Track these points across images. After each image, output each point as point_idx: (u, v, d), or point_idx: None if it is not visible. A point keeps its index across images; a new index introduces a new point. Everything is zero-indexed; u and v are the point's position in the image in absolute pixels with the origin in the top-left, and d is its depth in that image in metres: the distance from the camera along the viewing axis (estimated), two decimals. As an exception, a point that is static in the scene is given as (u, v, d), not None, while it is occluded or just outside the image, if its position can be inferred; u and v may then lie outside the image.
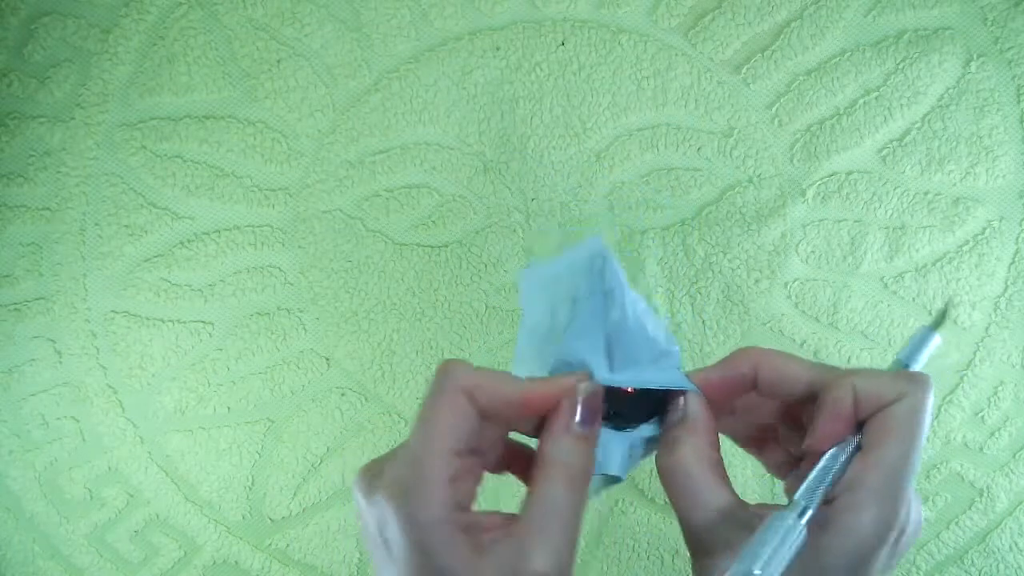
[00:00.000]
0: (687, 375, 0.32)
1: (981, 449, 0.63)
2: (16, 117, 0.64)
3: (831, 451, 0.28)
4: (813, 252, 0.63)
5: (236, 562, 0.65)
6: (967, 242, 0.63)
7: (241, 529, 0.65)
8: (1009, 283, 0.63)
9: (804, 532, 0.26)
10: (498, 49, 0.64)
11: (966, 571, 0.64)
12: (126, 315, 0.64)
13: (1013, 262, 0.63)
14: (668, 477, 0.30)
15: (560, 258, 0.34)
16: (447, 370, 0.28)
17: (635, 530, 0.63)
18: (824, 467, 0.28)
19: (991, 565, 0.64)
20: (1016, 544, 0.63)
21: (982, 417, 0.63)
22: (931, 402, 0.28)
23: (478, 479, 0.29)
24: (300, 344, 0.64)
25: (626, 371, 0.31)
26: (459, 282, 0.64)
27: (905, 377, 0.28)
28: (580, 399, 0.29)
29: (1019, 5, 0.62)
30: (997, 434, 0.63)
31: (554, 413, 0.29)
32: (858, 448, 0.28)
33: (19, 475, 0.65)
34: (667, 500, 0.61)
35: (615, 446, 0.31)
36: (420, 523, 0.25)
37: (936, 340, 0.31)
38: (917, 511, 0.28)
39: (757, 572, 0.25)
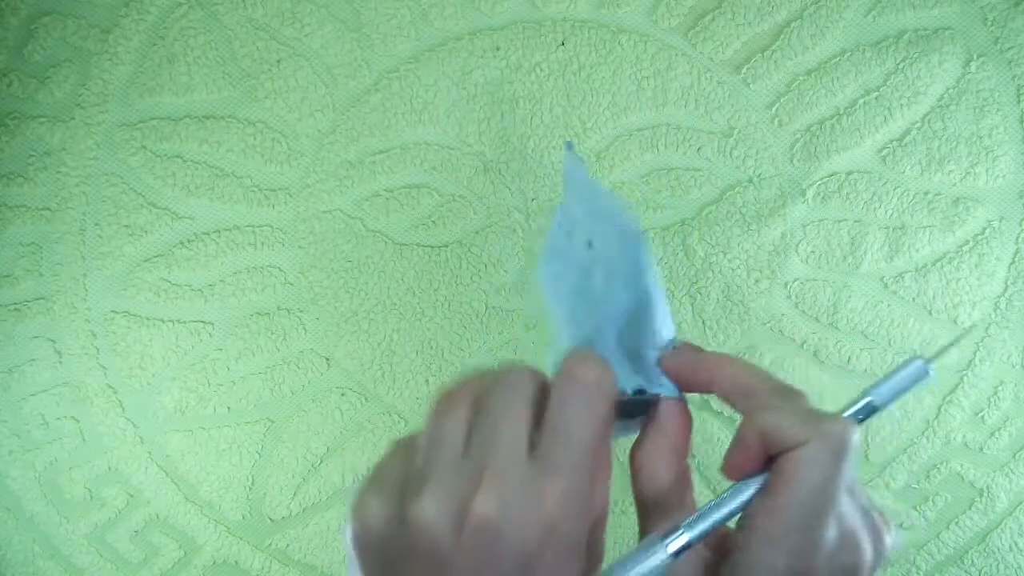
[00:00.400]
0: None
1: (981, 449, 0.63)
2: (16, 117, 0.64)
3: (734, 486, 0.27)
4: (813, 252, 0.63)
5: (236, 562, 0.65)
6: (967, 242, 0.63)
7: (241, 529, 0.65)
8: (1009, 283, 0.63)
9: (668, 559, 0.26)
10: (498, 49, 0.64)
11: (966, 571, 0.64)
12: (126, 315, 0.64)
13: (1013, 262, 0.63)
14: (633, 468, 0.31)
15: (589, 186, 0.34)
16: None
17: (635, 530, 0.63)
18: (719, 500, 0.27)
19: (991, 565, 0.64)
20: (1016, 544, 0.63)
21: (982, 417, 0.63)
22: (845, 454, 0.26)
23: None
24: (300, 344, 0.64)
25: (631, 365, 0.31)
26: (459, 282, 0.64)
27: (814, 422, 0.26)
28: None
29: (1019, 5, 0.62)
30: (997, 434, 0.63)
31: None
32: (763, 486, 0.27)
33: (19, 475, 0.65)
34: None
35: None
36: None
37: (928, 379, 0.29)
38: (851, 546, 0.27)
39: None
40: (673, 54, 0.63)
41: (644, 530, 0.30)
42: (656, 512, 0.30)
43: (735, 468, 0.28)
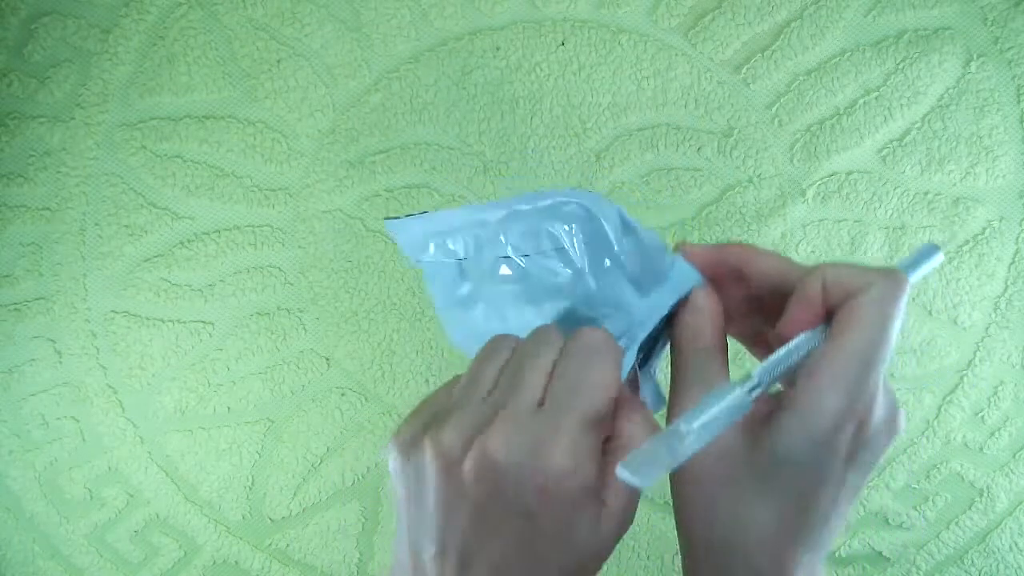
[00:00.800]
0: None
1: (981, 449, 0.63)
2: (16, 117, 0.64)
3: (798, 337, 0.28)
4: (813, 252, 0.63)
5: (236, 562, 0.65)
6: (967, 242, 0.63)
7: (241, 529, 0.65)
8: (1009, 283, 0.63)
9: (746, 403, 0.26)
10: (498, 49, 0.64)
11: (966, 571, 0.64)
12: (126, 315, 0.64)
13: (1013, 262, 0.63)
14: (675, 343, 0.31)
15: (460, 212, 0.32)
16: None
17: (635, 530, 0.63)
18: (787, 350, 0.28)
19: (991, 565, 0.64)
20: (1016, 544, 0.63)
21: (982, 417, 0.63)
22: (902, 295, 0.27)
23: None
24: (300, 344, 0.64)
25: (652, 294, 0.31)
26: (459, 282, 0.64)
27: (876, 270, 0.28)
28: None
29: (1019, 5, 0.62)
30: (997, 434, 0.63)
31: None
32: (826, 337, 0.28)
33: (19, 475, 0.65)
34: (667, 500, 0.62)
35: (645, 383, 0.32)
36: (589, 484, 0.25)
37: (939, 258, 0.30)
38: (888, 409, 0.28)
39: (683, 428, 0.25)
40: (673, 54, 0.63)
41: (674, 409, 0.30)
42: (696, 381, 0.30)
43: (795, 323, 0.28)
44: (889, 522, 0.64)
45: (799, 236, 0.63)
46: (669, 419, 0.30)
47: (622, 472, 0.24)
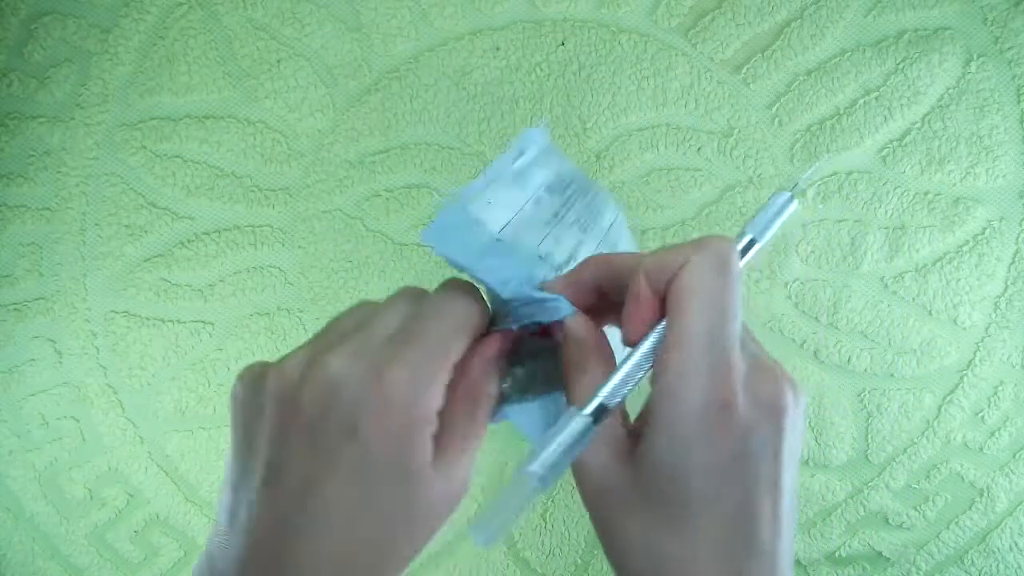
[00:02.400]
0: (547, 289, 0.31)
1: (981, 449, 0.63)
2: (16, 117, 0.64)
3: (643, 343, 0.26)
4: (813, 252, 0.63)
5: (236, 562, 0.65)
6: (967, 242, 0.63)
7: (241, 529, 0.65)
8: (1009, 283, 0.63)
9: (590, 428, 0.25)
10: (498, 49, 0.64)
11: (966, 571, 0.64)
12: (126, 315, 0.64)
13: (1013, 262, 0.63)
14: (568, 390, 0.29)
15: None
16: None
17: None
18: (630, 360, 0.26)
19: (991, 565, 0.64)
20: (1016, 544, 0.63)
21: (982, 417, 0.63)
22: (725, 263, 0.25)
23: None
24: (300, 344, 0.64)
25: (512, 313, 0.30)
26: (459, 282, 0.64)
27: (691, 244, 0.26)
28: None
29: (1019, 5, 0.62)
30: (997, 434, 0.63)
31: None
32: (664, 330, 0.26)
33: (19, 475, 0.65)
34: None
35: (530, 416, 0.31)
36: (422, 415, 0.25)
37: (793, 206, 0.28)
38: (764, 385, 0.25)
39: (530, 471, 0.24)
40: (673, 54, 0.63)
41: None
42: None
43: (634, 327, 0.26)
44: (889, 522, 0.64)
45: (799, 236, 0.63)
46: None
47: (476, 533, 0.23)
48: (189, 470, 0.65)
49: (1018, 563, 0.63)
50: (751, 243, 0.28)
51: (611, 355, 0.29)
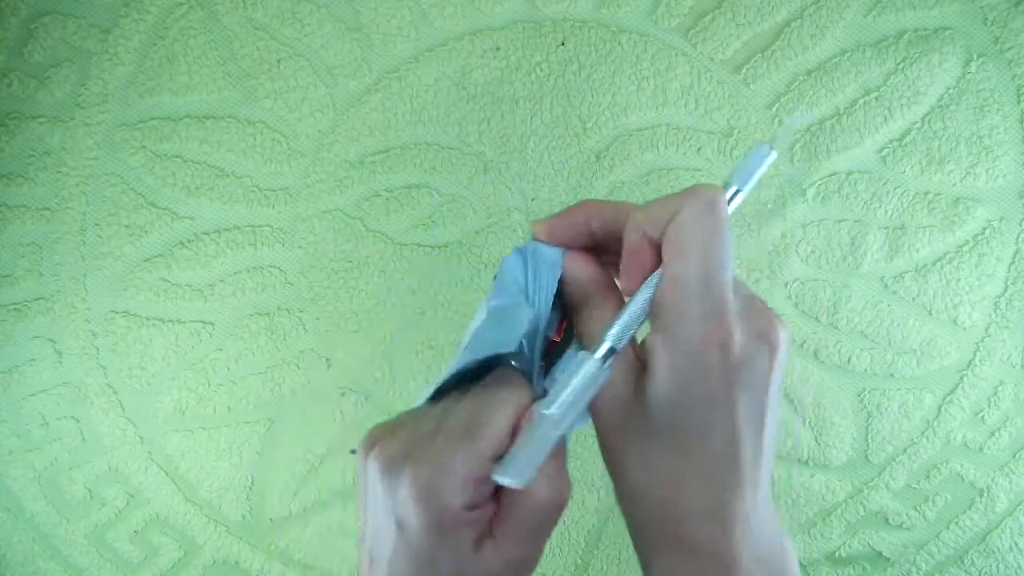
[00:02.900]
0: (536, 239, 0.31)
1: (981, 449, 0.63)
2: (16, 117, 0.64)
3: (641, 289, 0.27)
4: (813, 252, 0.63)
5: (236, 562, 0.65)
6: (967, 242, 0.63)
7: (241, 529, 0.65)
8: (1009, 283, 0.63)
9: (603, 370, 0.26)
10: (498, 49, 0.64)
11: (966, 571, 0.64)
12: (126, 315, 0.64)
13: (1013, 262, 0.63)
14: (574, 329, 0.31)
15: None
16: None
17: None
18: (632, 304, 0.27)
19: (991, 565, 0.64)
20: (1016, 544, 0.63)
21: (982, 417, 0.63)
22: (715, 208, 0.26)
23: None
24: (300, 344, 0.64)
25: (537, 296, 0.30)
26: (459, 282, 0.64)
27: (683, 193, 0.27)
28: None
29: (1019, 5, 0.62)
30: (997, 434, 0.63)
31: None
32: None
33: (19, 475, 0.65)
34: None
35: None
36: (445, 512, 0.25)
37: (772, 156, 0.29)
38: (759, 323, 0.27)
39: (545, 412, 0.25)
40: (673, 54, 0.63)
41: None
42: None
43: (631, 275, 0.28)
44: (889, 522, 0.64)
45: (799, 236, 0.63)
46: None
47: (500, 478, 0.24)
48: (189, 470, 0.65)
49: (1018, 563, 0.63)
50: (735, 193, 0.29)
51: (612, 284, 0.30)
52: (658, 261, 0.27)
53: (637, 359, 0.28)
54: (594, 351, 0.27)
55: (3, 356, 0.64)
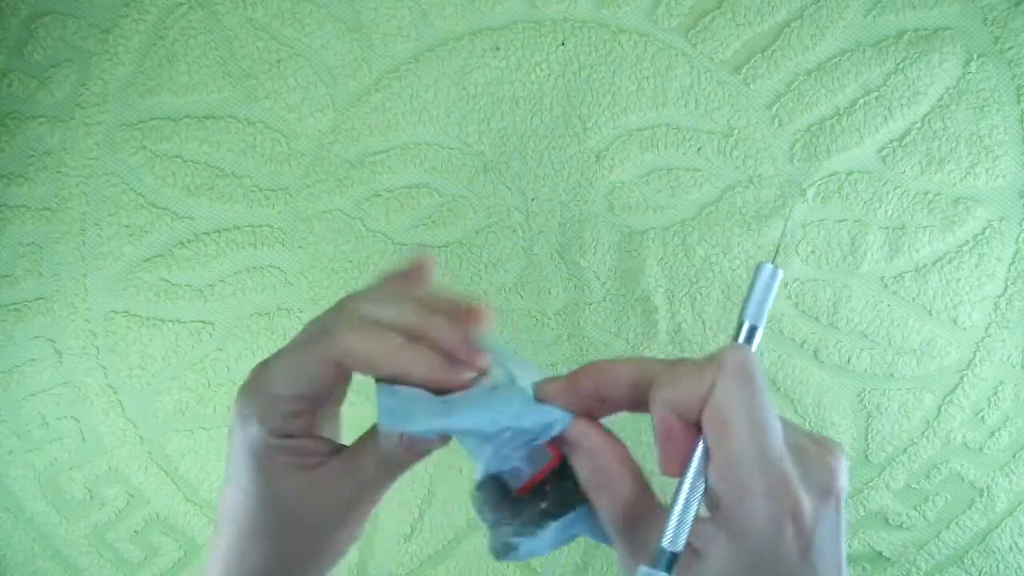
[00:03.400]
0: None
1: (981, 449, 0.63)
2: (16, 117, 0.64)
3: (685, 481, 0.26)
4: (813, 252, 0.63)
5: (236, 562, 0.65)
6: (967, 242, 0.63)
7: (241, 529, 0.65)
8: (1009, 283, 0.63)
9: None
10: (498, 49, 0.64)
11: (966, 571, 0.64)
12: (126, 315, 0.64)
13: (1013, 262, 0.63)
14: (593, 501, 0.29)
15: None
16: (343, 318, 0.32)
17: None
18: (680, 499, 0.25)
19: (991, 565, 0.64)
20: (1016, 544, 0.63)
21: (982, 417, 0.63)
22: (748, 372, 0.25)
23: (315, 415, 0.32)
24: (300, 344, 0.64)
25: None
26: (459, 282, 0.64)
27: (709, 364, 0.25)
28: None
29: (1019, 5, 0.62)
30: (997, 434, 0.63)
31: None
32: (706, 455, 0.25)
33: (19, 475, 0.65)
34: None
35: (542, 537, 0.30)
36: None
37: (779, 276, 0.28)
38: (817, 478, 0.25)
39: None
40: (673, 54, 0.63)
41: (624, 558, 0.28)
42: (633, 532, 0.27)
43: (671, 461, 0.26)
44: (889, 522, 0.64)
45: (799, 236, 0.63)
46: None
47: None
48: (189, 470, 0.65)
49: (1018, 563, 0.63)
50: (753, 329, 0.28)
51: (627, 457, 0.28)
52: (695, 439, 0.26)
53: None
54: (655, 566, 0.25)
55: (3, 356, 0.64)
